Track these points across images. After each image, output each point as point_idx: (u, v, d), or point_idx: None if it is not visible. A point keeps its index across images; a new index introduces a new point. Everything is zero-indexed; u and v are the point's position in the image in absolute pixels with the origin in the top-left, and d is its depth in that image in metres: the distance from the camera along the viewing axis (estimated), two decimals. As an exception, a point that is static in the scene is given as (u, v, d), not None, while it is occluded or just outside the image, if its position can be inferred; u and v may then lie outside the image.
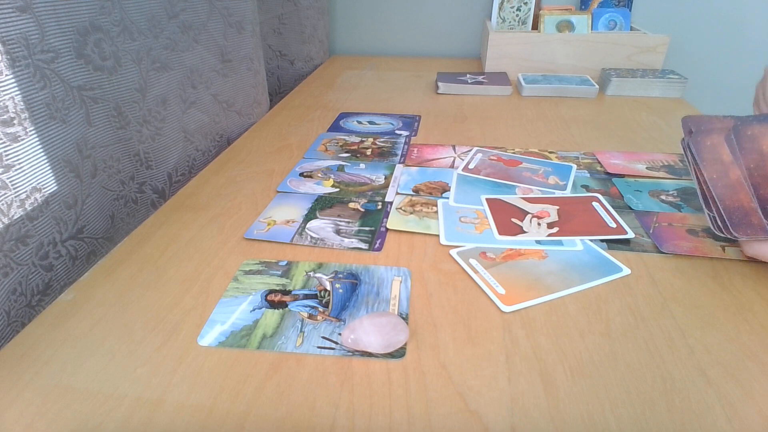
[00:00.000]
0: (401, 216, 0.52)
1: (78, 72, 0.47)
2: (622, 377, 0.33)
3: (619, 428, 0.30)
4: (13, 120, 0.40)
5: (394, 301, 0.40)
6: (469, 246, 0.47)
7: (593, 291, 0.41)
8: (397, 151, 0.68)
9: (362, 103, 0.89)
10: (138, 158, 0.57)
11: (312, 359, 0.35)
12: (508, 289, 0.41)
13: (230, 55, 0.73)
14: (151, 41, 0.56)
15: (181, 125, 0.64)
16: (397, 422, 0.30)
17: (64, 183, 0.46)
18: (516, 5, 1.07)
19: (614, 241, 0.47)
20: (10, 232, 0.41)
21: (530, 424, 0.30)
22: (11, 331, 0.41)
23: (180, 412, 0.31)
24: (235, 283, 0.42)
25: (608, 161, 0.63)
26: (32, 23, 0.41)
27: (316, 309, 0.39)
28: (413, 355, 0.35)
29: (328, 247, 0.47)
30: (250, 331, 0.37)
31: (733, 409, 0.31)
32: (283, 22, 1.04)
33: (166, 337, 0.37)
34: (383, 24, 1.27)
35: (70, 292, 0.42)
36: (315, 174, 0.61)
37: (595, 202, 0.53)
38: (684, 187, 0.57)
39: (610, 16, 1.07)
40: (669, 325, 0.37)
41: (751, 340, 0.36)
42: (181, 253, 0.46)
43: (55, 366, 0.34)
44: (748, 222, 0.42)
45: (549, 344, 0.36)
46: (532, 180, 0.58)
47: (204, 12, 0.66)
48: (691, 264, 0.44)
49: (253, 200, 0.56)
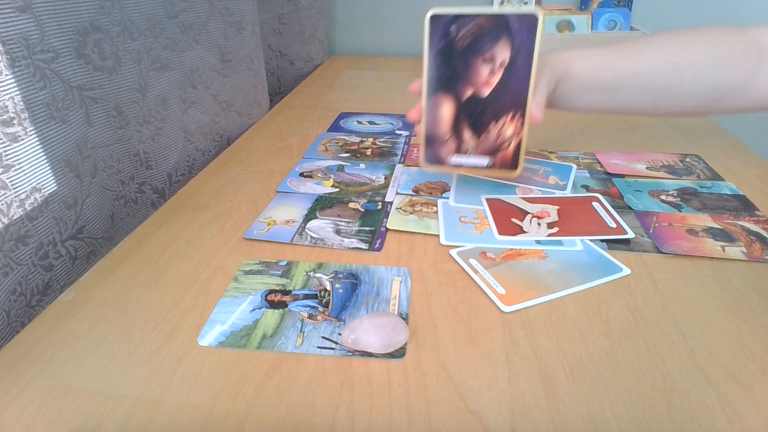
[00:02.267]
0: (401, 216, 0.52)
1: (78, 72, 0.47)
2: (622, 377, 0.33)
3: (619, 428, 0.30)
4: (13, 120, 0.40)
5: (394, 301, 0.40)
6: (469, 246, 0.47)
7: (593, 291, 0.41)
8: (397, 151, 0.68)
9: (362, 103, 0.89)
10: (138, 158, 0.57)
11: (312, 359, 0.35)
12: (508, 289, 0.41)
13: (230, 55, 0.73)
14: (151, 41, 0.56)
15: (181, 125, 0.64)
16: (397, 422, 0.30)
17: (64, 183, 0.46)
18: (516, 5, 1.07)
19: (614, 241, 0.47)
20: (10, 232, 0.41)
21: (530, 424, 0.30)
22: (11, 331, 0.41)
23: (180, 412, 0.31)
24: (235, 283, 0.42)
25: (608, 161, 0.63)
26: (32, 23, 0.41)
27: (316, 309, 0.39)
28: (413, 355, 0.35)
29: (328, 247, 0.47)
30: (250, 331, 0.37)
31: (733, 409, 0.31)
32: (283, 22, 1.04)
33: (166, 337, 0.37)
34: (383, 24, 1.27)
35: (70, 292, 0.42)
36: (315, 174, 0.61)
37: (595, 202, 0.53)
38: (684, 187, 0.57)
39: (610, 16, 1.07)
40: (669, 325, 0.37)
41: (751, 340, 0.36)
42: (181, 253, 0.46)
43: (55, 366, 0.34)
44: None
45: (549, 344, 0.36)
46: (532, 180, 0.58)
47: (204, 12, 0.66)
48: (691, 264, 0.44)
49: (253, 200, 0.56)
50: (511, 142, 0.47)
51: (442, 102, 0.48)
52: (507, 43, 0.45)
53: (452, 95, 0.47)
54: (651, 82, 0.53)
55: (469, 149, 0.48)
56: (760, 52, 0.52)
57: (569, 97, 0.54)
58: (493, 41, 0.45)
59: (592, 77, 0.54)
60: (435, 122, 0.49)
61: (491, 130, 0.47)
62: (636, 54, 0.54)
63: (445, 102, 0.48)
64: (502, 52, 0.45)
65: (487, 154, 0.48)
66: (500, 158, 0.48)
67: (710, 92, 0.54)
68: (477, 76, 0.46)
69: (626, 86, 0.54)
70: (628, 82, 0.54)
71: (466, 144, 0.48)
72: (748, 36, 0.53)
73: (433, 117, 0.49)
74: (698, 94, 0.54)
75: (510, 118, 0.47)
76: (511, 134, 0.47)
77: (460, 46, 0.46)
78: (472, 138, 0.48)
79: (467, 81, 0.47)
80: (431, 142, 0.49)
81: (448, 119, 0.48)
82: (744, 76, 0.52)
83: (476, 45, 0.45)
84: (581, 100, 0.55)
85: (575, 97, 0.55)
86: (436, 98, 0.48)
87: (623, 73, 0.54)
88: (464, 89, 0.47)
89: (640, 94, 0.54)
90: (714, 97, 0.54)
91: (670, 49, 0.54)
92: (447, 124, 0.48)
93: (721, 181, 0.58)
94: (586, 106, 0.56)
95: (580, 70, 0.53)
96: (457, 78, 0.47)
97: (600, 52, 0.55)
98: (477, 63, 0.46)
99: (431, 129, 0.49)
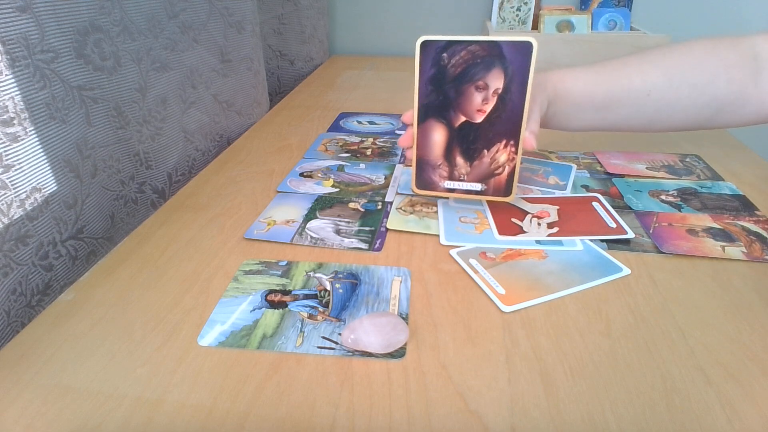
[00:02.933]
0: (401, 216, 0.52)
1: (78, 72, 0.47)
2: (622, 377, 0.33)
3: (619, 428, 0.30)
4: (13, 120, 0.40)
5: (394, 301, 0.40)
6: (469, 246, 0.47)
7: (593, 291, 0.41)
8: (397, 151, 0.68)
9: (362, 103, 0.89)
10: (138, 158, 0.57)
11: (312, 359, 0.35)
12: (508, 289, 0.41)
13: (230, 55, 0.73)
14: (151, 41, 0.56)
15: (181, 125, 0.64)
16: (397, 422, 0.30)
17: (64, 183, 0.46)
18: (516, 5, 1.08)
19: (614, 241, 0.47)
20: (10, 232, 0.41)
21: (530, 424, 0.30)
22: (11, 331, 0.41)
23: (180, 412, 0.31)
24: (235, 283, 0.42)
25: (608, 161, 0.63)
26: (32, 23, 0.41)
27: (316, 309, 0.39)
28: (413, 355, 0.35)
29: (328, 247, 0.47)
30: (250, 331, 0.37)
31: (733, 409, 0.31)
32: (283, 22, 1.04)
33: (166, 337, 0.37)
34: (383, 24, 1.27)
35: (70, 292, 0.42)
36: (315, 174, 0.61)
37: (595, 202, 0.53)
38: (684, 187, 0.57)
39: (610, 16, 1.07)
40: (669, 325, 0.37)
41: (751, 340, 0.36)
42: (181, 253, 0.46)
43: (55, 366, 0.34)
44: None
45: (549, 344, 0.36)
46: (532, 180, 0.58)
47: (204, 12, 0.66)
48: (691, 264, 0.44)
49: (253, 200, 0.56)
50: (505, 168, 0.47)
51: (433, 128, 0.47)
52: (500, 71, 0.44)
53: (444, 122, 0.47)
54: (646, 98, 0.53)
55: (462, 175, 0.48)
56: (757, 62, 0.51)
57: (561, 118, 0.54)
58: (486, 68, 0.44)
59: (584, 96, 0.53)
60: (427, 148, 0.48)
61: (484, 157, 0.47)
62: (628, 70, 0.53)
63: (436, 128, 0.47)
64: (496, 79, 0.44)
65: (480, 181, 0.48)
66: (494, 184, 0.48)
67: (708, 106, 0.53)
68: (470, 103, 0.46)
69: (620, 103, 0.53)
70: (622, 98, 0.53)
71: (458, 170, 0.48)
72: (742, 46, 0.52)
73: (424, 143, 0.48)
74: (696, 107, 0.53)
75: (503, 145, 0.46)
76: (505, 161, 0.47)
77: (452, 73, 0.45)
78: (465, 164, 0.48)
79: (459, 108, 0.46)
80: (423, 168, 0.49)
81: (440, 145, 0.48)
82: (742, 88, 0.52)
83: (469, 72, 0.45)
84: (574, 119, 0.55)
85: (568, 117, 0.54)
86: (427, 124, 0.47)
87: (616, 91, 0.53)
88: (456, 116, 0.46)
89: (635, 110, 0.54)
90: (713, 110, 0.53)
91: (663, 65, 0.53)
92: (439, 150, 0.48)
93: (721, 181, 0.58)
94: (580, 125, 0.56)
95: (572, 90, 0.53)
96: (449, 105, 0.46)
97: (592, 70, 0.54)
98: (470, 90, 0.45)
99: (423, 154, 0.48)
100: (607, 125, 0.56)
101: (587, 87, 0.53)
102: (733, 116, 0.54)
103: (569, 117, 0.54)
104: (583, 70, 0.54)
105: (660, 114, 0.54)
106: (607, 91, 0.53)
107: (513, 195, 0.48)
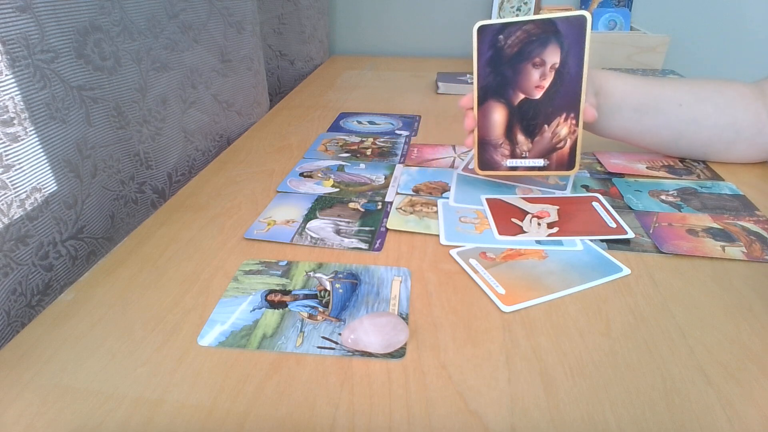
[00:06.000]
0: (401, 216, 0.52)
1: (78, 72, 0.47)
2: (622, 377, 0.33)
3: (619, 428, 0.30)
4: (13, 120, 0.40)
5: (394, 301, 0.40)
6: (469, 246, 0.47)
7: (593, 291, 0.41)
8: (397, 151, 0.68)
9: (362, 103, 0.89)
10: (138, 158, 0.57)
11: (312, 359, 0.35)
12: (508, 289, 0.41)
13: (230, 55, 0.73)
14: (151, 41, 0.56)
15: (181, 125, 0.64)
16: (397, 422, 0.30)
17: (64, 183, 0.46)
18: (516, 5, 1.07)
19: (614, 241, 0.47)
20: (10, 232, 0.41)
21: (530, 424, 0.30)
22: (11, 331, 0.41)
23: (180, 412, 0.31)
24: (235, 283, 0.42)
25: (608, 161, 0.63)
26: (32, 23, 0.41)
27: (316, 309, 0.39)
28: (413, 355, 0.35)
29: (328, 247, 0.47)
30: (250, 331, 0.37)
31: (733, 409, 0.31)
32: (283, 22, 1.04)
33: (166, 337, 0.37)
34: (383, 24, 1.27)
35: (70, 292, 0.42)
36: (315, 174, 0.61)
37: (595, 202, 0.53)
38: (684, 187, 0.57)
39: (610, 16, 1.07)
40: (669, 325, 0.37)
41: (751, 340, 0.36)
42: (181, 253, 0.46)
43: (55, 366, 0.34)
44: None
45: (549, 344, 0.36)
46: (532, 180, 0.58)
47: (204, 12, 0.66)
48: (691, 264, 0.44)
49: (253, 200, 0.56)
50: (567, 141, 0.49)
51: (493, 108, 0.49)
52: (556, 46, 0.46)
53: (504, 101, 0.49)
54: (678, 108, 0.57)
55: (524, 152, 0.50)
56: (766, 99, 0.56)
57: (601, 116, 0.56)
58: (542, 45, 0.47)
59: (624, 95, 0.56)
60: (488, 128, 0.50)
61: (545, 132, 0.49)
62: (662, 82, 0.58)
63: (496, 108, 0.49)
64: (552, 54, 0.47)
65: (542, 156, 0.50)
66: (556, 159, 0.50)
67: (729, 127, 0.57)
68: (528, 80, 0.48)
69: (656, 108, 0.57)
70: (658, 104, 0.57)
71: (520, 147, 0.50)
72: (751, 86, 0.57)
73: (485, 123, 0.50)
74: (718, 128, 0.57)
75: (563, 119, 0.48)
76: (566, 134, 0.48)
77: (508, 53, 0.47)
78: (526, 141, 0.49)
79: (518, 86, 0.48)
80: (485, 148, 0.51)
81: (501, 124, 0.50)
82: (757, 116, 0.56)
83: (526, 51, 0.47)
84: (613, 118, 0.57)
85: (608, 116, 0.57)
86: (487, 105, 0.50)
87: (653, 95, 0.57)
88: (516, 94, 0.49)
89: (667, 120, 0.57)
90: (733, 133, 0.57)
91: (689, 83, 0.58)
92: (500, 129, 0.50)
93: (721, 181, 0.58)
94: (617, 125, 0.58)
95: (614, 88, 0.56)
96: (507, 84, 0.48)
97: (631, 76, 0.59)
98: (527, 68, 0.47)
99: (484, 135, 0.50)
100: (641, 129, 0.58)
101: (627, 88, 0.57)
102: (752, 144, 0.58)
103: (608, 115, 0.57)
104: (624, 74, 0.58)
105: (689, 127, 0.57)
106: (645, 94, 0.57)
107: (576, 168, 0.49)
